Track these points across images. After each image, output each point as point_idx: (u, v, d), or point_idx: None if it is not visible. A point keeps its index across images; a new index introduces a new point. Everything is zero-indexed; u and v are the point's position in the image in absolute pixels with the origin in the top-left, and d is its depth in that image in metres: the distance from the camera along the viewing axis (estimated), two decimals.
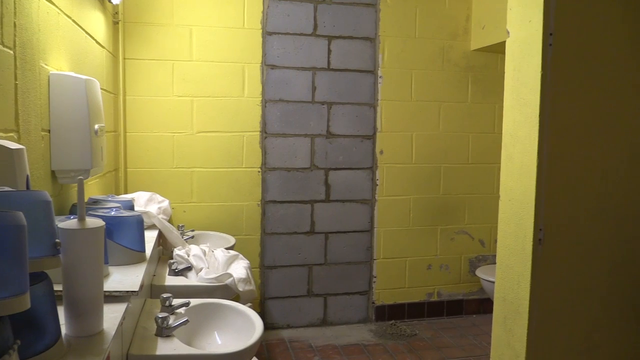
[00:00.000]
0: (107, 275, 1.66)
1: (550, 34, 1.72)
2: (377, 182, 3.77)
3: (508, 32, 1.87)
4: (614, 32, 1.84)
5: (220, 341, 2.01)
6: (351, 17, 3.63)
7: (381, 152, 3.75)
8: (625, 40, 1.86)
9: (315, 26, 3.58)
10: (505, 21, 1.89)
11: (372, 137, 3.74)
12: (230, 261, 2.52)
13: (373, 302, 3.85)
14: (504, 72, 1.91)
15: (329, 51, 3.62)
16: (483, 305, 4.07)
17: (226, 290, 2.34)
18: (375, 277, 3.83)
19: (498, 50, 3.71)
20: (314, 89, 3.62)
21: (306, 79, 3.60)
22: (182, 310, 1.96)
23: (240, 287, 2.34)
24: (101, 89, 2.35)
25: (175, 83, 3.39)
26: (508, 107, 1.88)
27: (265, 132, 3.55)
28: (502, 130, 1.91)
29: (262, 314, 3.61)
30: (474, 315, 4.07)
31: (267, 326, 3.62)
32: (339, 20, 3.62)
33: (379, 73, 3.70)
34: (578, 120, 1.81)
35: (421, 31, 3.75)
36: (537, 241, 1.75)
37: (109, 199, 2.30)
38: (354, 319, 3.84)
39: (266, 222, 3.61)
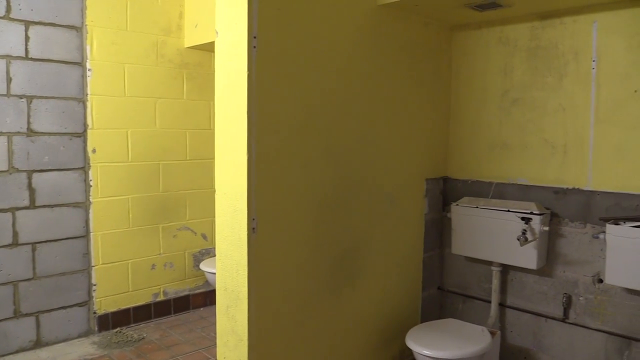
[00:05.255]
0: None
1: (255, 37, 1.85)
2: (91, 183, 3.51)
3: (217, 33, 1.95)
4: (314, 38, 2.08)
5: None
6: (52, 2, 3.27)
7: (94, 151, 3.50)
8: (326, 43, 2.12)
9: (9, 8, 3.12)
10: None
11: (82, 135, 3.46)
12: None
13: (95, 312, 3.59)
14: None
15: (27, 38, 3.21)
16: (209, 297, 4.17)
17: None
18: (95, 285, 3.57)
19: (211, 49, 3.82)
20: (9, 80, 3.16)
21: None
22: None
23: None
24: None
25: None
26: (219, 105, 1.96)
27: None
28: None
29: None
30: (202, 309, 4.15)
31: None
32: (39, 4, 3.22)
33: (88, 65, 3.44)
34: (282, 118, 2.00)
35: (133, 24, 3.62)
36: (251, 230, 1.88)
37: None
38: (74, 334, 3.51)
39: None
